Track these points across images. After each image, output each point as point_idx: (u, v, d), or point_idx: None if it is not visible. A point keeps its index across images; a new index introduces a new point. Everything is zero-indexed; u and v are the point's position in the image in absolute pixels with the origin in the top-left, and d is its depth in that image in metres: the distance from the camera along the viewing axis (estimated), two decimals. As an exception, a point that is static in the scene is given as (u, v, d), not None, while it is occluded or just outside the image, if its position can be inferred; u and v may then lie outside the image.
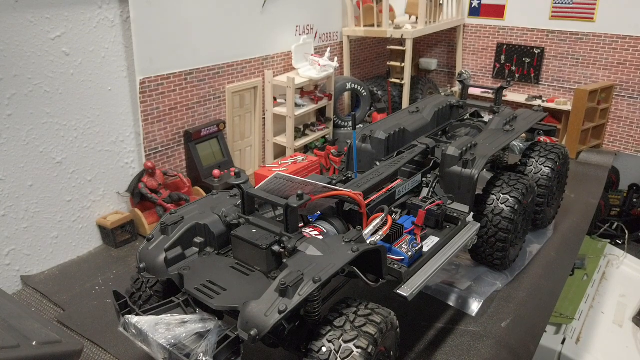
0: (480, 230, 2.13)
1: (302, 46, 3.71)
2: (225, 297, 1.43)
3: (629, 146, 4.16)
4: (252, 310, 1.26)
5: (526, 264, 2.44)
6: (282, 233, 1.51)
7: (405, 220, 1.89)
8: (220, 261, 1.62)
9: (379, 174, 1.98)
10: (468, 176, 2.04)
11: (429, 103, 2.78)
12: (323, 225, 1.70)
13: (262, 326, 1.25)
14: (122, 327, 1.41)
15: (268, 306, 1.27)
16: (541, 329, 2.12)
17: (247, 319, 1.26)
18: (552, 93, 4.44)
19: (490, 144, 2.23)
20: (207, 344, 1.31)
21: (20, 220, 2.40)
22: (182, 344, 1.34)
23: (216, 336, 1.35)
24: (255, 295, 1.34)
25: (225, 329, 1.38)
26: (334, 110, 3.98)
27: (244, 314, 1.28)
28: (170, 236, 1.62)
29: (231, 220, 1.67)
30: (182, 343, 1.34)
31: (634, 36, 3.93)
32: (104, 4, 2.52)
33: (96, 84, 2.59)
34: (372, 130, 2.32)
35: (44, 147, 2.43)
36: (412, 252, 1.71)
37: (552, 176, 2.47)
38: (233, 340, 1.33)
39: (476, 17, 4.68)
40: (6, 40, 2.19)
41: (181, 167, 3.13)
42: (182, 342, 1.34)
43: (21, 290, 2.42)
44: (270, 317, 1.25)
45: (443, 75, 5.14)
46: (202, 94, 3.13)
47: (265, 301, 1.28)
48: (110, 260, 2.64)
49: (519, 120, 2.56)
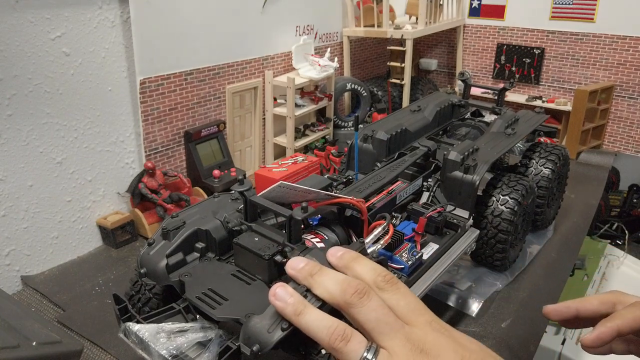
0: (480, 232, 2.13)
1: (302, 46, 3.71)
2: (226, 308, 1.42)
3: (629, 146, 4.16)
4: (255, 326, 1.25)
5: (526, 264, 2.44)
6: (285, 243, 1.51)
7: (405, 227, 1.87)
8: (221, 268, 1.61)
9: (380, 179, 1.97)
10: (469, 182, 2.03)
11: (430, 101, 2.77)
12: (324, 232, 1.69)
13: (265, 343, 1.24)
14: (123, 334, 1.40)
15: (271, 322, 1.25)
16: (541, 330, 2.12)
17: (250, 334, 1.25)
18: (552, 93, 4.44)
19: (491, 149, 2.22)
20: (209, 354, 1.31)
21: (21, 220, 2.40)
22: (183, 354, 1.33)
23: (217, 347, 1.34)
24: (256, 306, 1.33)
25: (226, 339, 1.37)
26: (334, 111, 3.98)
27: (246, 329, 1.26)
28: (171, 242, 1.61)
29: (233, 227, 1.66)
30: (184, 353, 1.33)
31: (634, 36, 3.93)
32: (104, 4, 2.52)
33: (96, 84, 2.59)
34: (373, 130, 2.31)
35: (44, 147, 2.43)
36: (412, 260, 1.70)
37: (553, 177, 2.47)
38: (234, 352, 1.33)
39: (476, 17, 4.69)
40: (6, 41, 2.19)
41: (181, 167, 3.13)
42: (184, 352, 1.33)
43: (21, 291, 2.42)
44: (272, 334, 1.24)
45: (443, 75, 5.14)
46: (202, 94, 3.12)
47: (268, 316, 1.27)
48: (110, 260, 2.64)
49: (520, 123, 2.55)
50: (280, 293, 0.86)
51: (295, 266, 0.91)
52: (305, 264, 0.89)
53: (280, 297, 0.86)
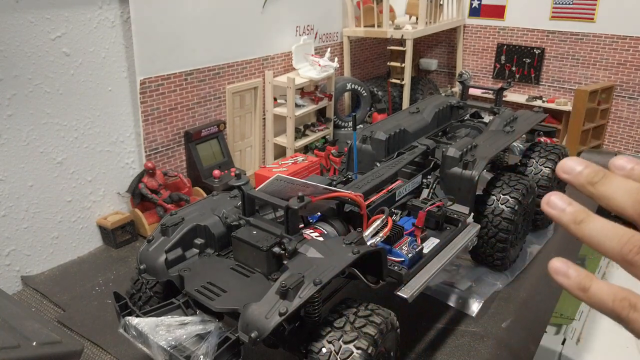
0: (481, 231, 2.13)
1: (302, 46, 3.71)
2: (225, 299, 1.43)
3: (629, 147, 4.16)
4: (253, 313, 1.26)
5: (526, 264, 2.44)
6: (283, 235, 1.51)
7: (406, 222, 1.88)
8: (220, 262, 1.62)
9: (379, 175, 1.98)
10: (468, 177, 2.04)
11: (429, 103, 2.78)
12: (323, 227, 1.70)
13: (263, 328, 1.25)
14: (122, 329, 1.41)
15: (268, 308, 1.27)
16: (541, 330, 2.12)
17: (248, 321, 1.26)
18: (552, 93, 4.44)
19: (490, 146, 2.23)
20: (208, 345, 1.31)
21: (21, 220, 2.41)
22: (182, 346, 1.34)
23: (216, 338, 1.35)
24: (255, 297, 1.34)
25: (226, 330, 1.38)
26: (334, 111, 3.98)
27: (244, 316, 1.28)
28: (170, 237, 1.62)
29: (231, 222, 1.67)
30: (183, 345, 1.34)
31: (634, 36, 3.93)
32: (104, 4, 2.53)
33: (96, 84, 2.59)
34: (372, 131, 2.32)
35: (44, 147, 2.43)
36: (413, 253, 1.71)
37: (553, 176, 2.47)
38: (233, 342, 1.33)
39: (476, 17, 4.69)
40: (7, 41, 2.19)
41: (181, 167, 3.13)
42: (183, 344, 1.34)
43: (21, 291, 2.42)
44: (270, 319, 1.25)
45: (443, 75, 5.14)
46: (202, 95, 3.13)
47: (265, 303, 1.28)
48: (111, 260, 2.64)
49: (519, 122, 2.56)
50: (555, 200, 0.70)
51: (569, 169, 0.69)
52: (584, 167, 0.69)
53: (554, 205, 0.70)
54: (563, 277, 0.72)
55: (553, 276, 0.73)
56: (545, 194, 0.67)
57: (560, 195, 0.71)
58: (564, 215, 0.71)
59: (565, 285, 0.73)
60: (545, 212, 0.72)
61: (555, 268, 0.73)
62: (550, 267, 0.74)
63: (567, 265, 0.72)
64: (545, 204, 0.72)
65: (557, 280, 0.73)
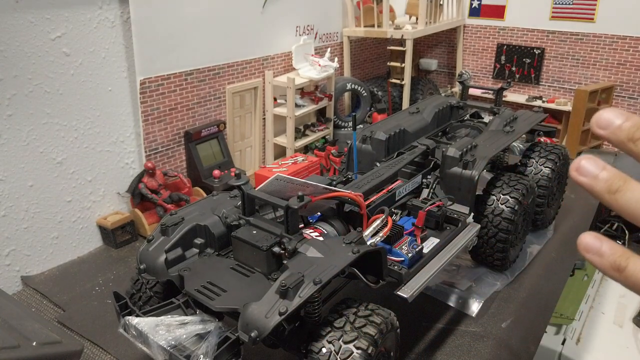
0: (480, 231, 2.13)
1: (302, 46, 3.71)
2: (225, 299, 1.43)
3: (629, 147, 4.16)
4: (253, 312, 1.26)
5: (526, 264, 2.44)
6: (283, 234, 1.52)
7: (406, 222, 1.89)
8: (220, 262, 1.62)
9: (379, 175, 1.98)
10: (468, 177, 2.04)
11: (429, 104, 2.78)
12: (323, 227, 1.70)
13: (263, 328, 1.25)
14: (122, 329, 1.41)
15: (268, 308, 1.27)
16: (541, 330, 2.12)
17: (248, 320, 1.26)
18: (552, 93, 4.44)
19: (490, 145, 2.23)
20: (208, 345, 1.31)
21: (21, 220, 2.41)
22: (182, 345, 1.34)
23: (216, 337, 1.35)
24: (255, 297, 1.34)
25: (226, 330, 1.38)
26: (334, 111, 3.98)
27: (244, 316, 1.28)
28: (170, 237, 1.62)
29: (231, 222, 1.67)
30: (183, 344, 1.34)
31: (634, 36, 3.93)
32: (104, 4, 2.53)
33: (96, 84, 2.59)
34: (372, 131, 2.32)
35: (44, 147, 2.43)
36: (413, 253, 1.71)
37: (552, 176, 2.47)
38: (233, 342, 1.33)
39: (476, 17, 4.69)
40: (7, 41, 2.19)
41: (181, 167, 3.13)
42: (183, 344, 1.35)
43: (21, 291, 2.42)
44: (270, 318, 1.25)
45: (443, 75, 5.14)
46: (202, 95, 3.13)
47: (265, 303, 1.28)
48: (111, 260, 2.64)
49: (519, 122, 2.56)
50: (585, 165, 0.59)
51: (606, 122, 0.58)
52: (625, 119, 0.58)
53: (585, 171, 0.59)
54: (595, 256, 0.62)
55: (583, 254, 0.64)
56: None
57: (593, 159, 0.61)
58: (596, 183, 0.61)
59: (597, 264, 0.63)
60: (574, 181, 0.62)
61: (586, 245, 0.63)
62: (580, 243, 0.63)
63: (600, 242, 0.62)
64: (574, 171, 0.62)
65: (588, 258, 0.64)
